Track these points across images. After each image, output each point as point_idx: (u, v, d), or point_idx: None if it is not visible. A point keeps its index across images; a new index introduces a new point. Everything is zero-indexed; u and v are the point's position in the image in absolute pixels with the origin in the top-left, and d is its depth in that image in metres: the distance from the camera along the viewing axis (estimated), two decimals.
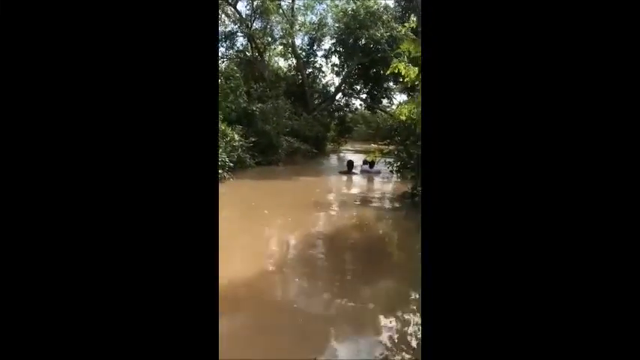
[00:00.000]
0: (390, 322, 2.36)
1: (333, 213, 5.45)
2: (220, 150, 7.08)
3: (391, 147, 7.65)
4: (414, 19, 6.05)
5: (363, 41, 13.11)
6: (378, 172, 8.54)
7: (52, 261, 0.81)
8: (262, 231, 4.35)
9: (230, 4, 12.66)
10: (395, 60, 5.61)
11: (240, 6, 13.20)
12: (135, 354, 0.82)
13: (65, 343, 0.81)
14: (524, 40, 0.83)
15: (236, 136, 8.40)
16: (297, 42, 14.92)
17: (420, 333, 2.26)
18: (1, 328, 0.79)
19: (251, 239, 3.91)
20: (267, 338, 2.07)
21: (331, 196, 6.75)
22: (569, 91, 0.81)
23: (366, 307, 2.55)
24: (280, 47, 14.76)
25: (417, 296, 2.72)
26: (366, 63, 14.02)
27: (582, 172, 0.80)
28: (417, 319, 2.45)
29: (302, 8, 14.38)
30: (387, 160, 7.80)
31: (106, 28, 0.84)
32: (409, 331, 2.25)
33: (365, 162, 8.83)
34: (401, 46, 5.45)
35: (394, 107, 13.60)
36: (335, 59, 15.32)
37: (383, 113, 15.26)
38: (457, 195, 0.85)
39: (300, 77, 14.81)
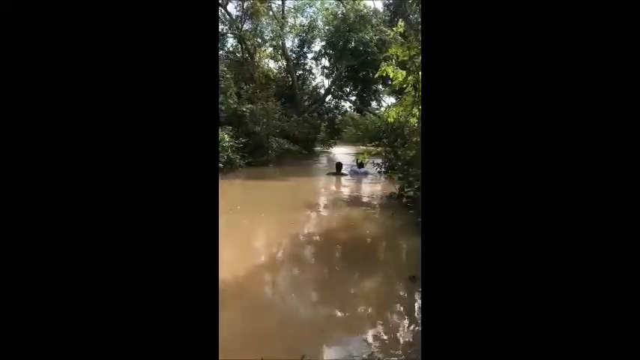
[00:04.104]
0: (379, 315, 2.44)
1: (322, 213, 5.53)
2: None
3: (379, 149, 7.78)
4: (402, 23, 6.18)
5: (353, 44, 13.23)
6: (366, 174, 8.68)
7: (52, 260, 0.81)
8: (252, 230, 4.41)
9: (220, 6, 12.65)
10: (383, 63, 5.73)
11: (231, 7, 13.20)
12: (135, 354, 0.83)
13: (65, 343, 0.80)
14: (525, 40, 0.83)
15: (226, 137, 8.45)
16: (288, 44, 15.02)
17: (408, 329, 2.35)
18: (1, 328, 0.78)
19: (241, 239, 3.97)
20: (258, 336, 2.10)
21: (321, 197, 6.83)
22: (570, 93, 0.81)
23: (355, 303, 2.64)
24: (270, 49, 14.80)
25: (405, 294, 2.81)
26: (355, 66, 14.15)
27: (582, 173, 0.81)
28: (405, 314, 2.54)
29: (292, 10, 14.46)
30: (375, 161, 7.92)
31: (107, 28, 0.84)
32: (397, 328, 2.33)
33: (359, 165, 9.04)
34: (389, 50, 5.58)
35: (382, 110, 13.77)
36: (325, 61, 15.50)
37: (372, 115, 15.40)
38: (457, 195, 0.85)
39: (290, 79, 14.85)
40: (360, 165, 8.74)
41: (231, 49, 13.98)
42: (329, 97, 16.51)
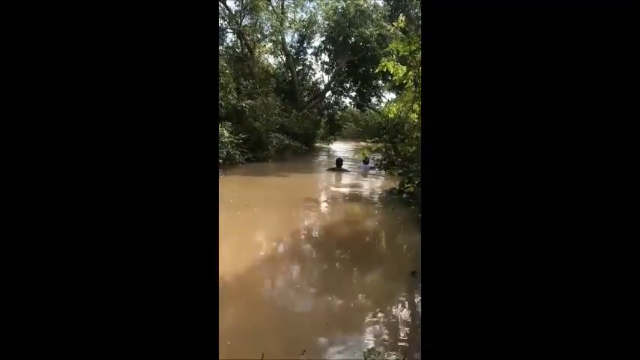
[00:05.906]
0: (381, 311, 2.45)
1: (322, 209, 5.53)
2: None
3: (379, 145, 7.79)
4: (403, 18, 6.15)
5: (353, 39, 13.17)
6: (373, 168, 8.82)
7: (51, 259, 0.81)
8: (253, 227, 4.40)
9: (220, 1, 12.57)
10: (384, 58, 5.71)
11: (230, 2, 13.14)
12: (135, 353, 0.82)
13: (65, 343, 0.80)
14: (524, 40, 0.83)
15: (225, 133, 8.42)
16: (287, 39, 14.92)
17: (409, 326, 2.36)
18: (1, 328, 0.78)
19: (241, 235, 3.96)
20: (258, 333, 2.10)
21: (321, 192, 6.83)
22: (569, 93, 0.81)
23: (355, 297, 2.64)
24: (270, 44, 14.71)
25: (406, 290, 2.82)
26: (355, 61, 14.10)
27: (583, 166, 0.81)
28: (403, 307, 2.55)
29: (292, 5, 14.37)
30: (376, 157, 7.94)
31: (107, 24, 0.84)
32: (398, 324, 2.33)
33: (365, 161, 9.19)
34: (390, 45, 5.56)
35: (383, 105, 13.76)
36: (325, 57, 15.41)
37: (372, 111, 15.37)
38: (457, 191, 0.85)
39: (289, 74, 14.80)
40: (366, 161, 8.99)
41: (230, 44, 13.90)
42: (329, 92, 16.46)
